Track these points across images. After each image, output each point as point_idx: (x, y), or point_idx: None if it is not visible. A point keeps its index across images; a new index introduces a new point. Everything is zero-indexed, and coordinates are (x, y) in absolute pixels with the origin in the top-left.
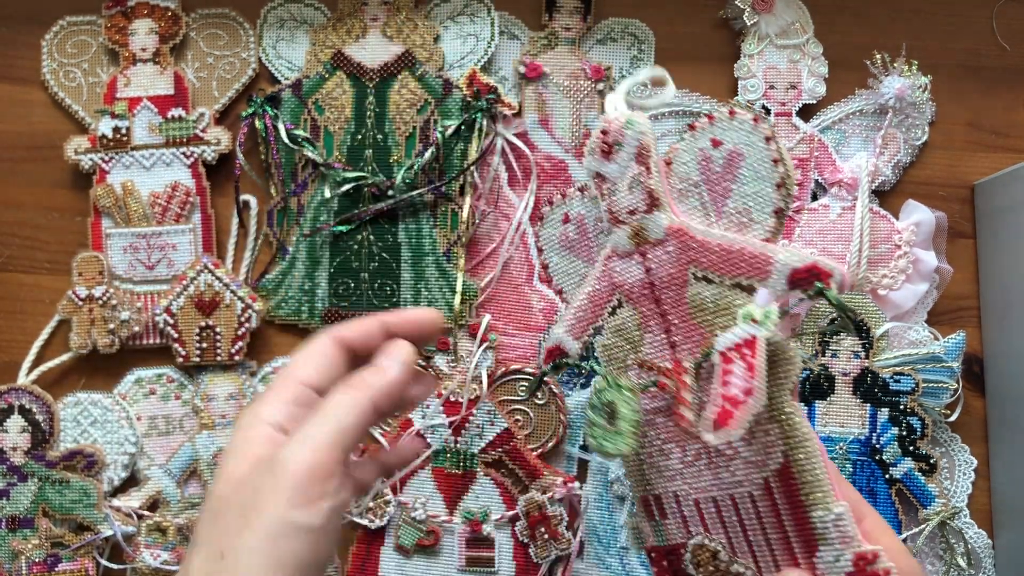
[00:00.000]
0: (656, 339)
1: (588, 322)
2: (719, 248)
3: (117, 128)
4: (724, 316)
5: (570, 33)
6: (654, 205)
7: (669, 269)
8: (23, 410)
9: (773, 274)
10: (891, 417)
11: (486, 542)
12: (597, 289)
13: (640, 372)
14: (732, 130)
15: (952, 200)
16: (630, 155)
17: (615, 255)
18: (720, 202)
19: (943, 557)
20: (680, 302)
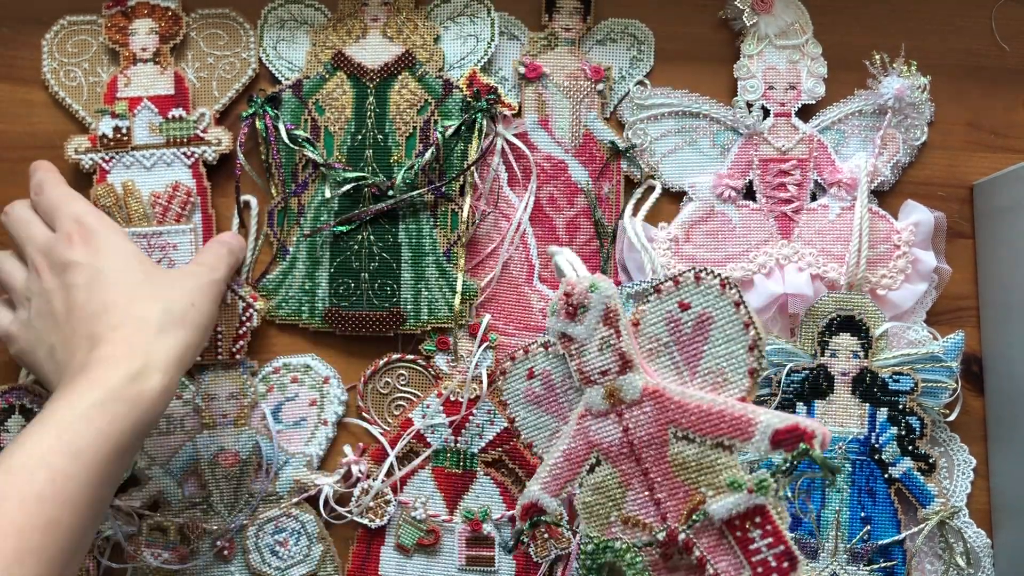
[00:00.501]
0: (639, 496)
1: (565, 480)
2: (698, 409)
3: (117, 128)
4: (708, 474)
5: (570, 33)
6: (627, 366)
7: (648, 429)
8: (24, 410)
9: (756, 435)
10: (890, 417)
11: (486, 541)
12: (573, 447)
13: (625, 528)
14: (699, 294)
15: (951, 200)
16: (597, 317)
17: (589, 414)
18: (693, 363)
19: (942, 556)
20: (661, 460)
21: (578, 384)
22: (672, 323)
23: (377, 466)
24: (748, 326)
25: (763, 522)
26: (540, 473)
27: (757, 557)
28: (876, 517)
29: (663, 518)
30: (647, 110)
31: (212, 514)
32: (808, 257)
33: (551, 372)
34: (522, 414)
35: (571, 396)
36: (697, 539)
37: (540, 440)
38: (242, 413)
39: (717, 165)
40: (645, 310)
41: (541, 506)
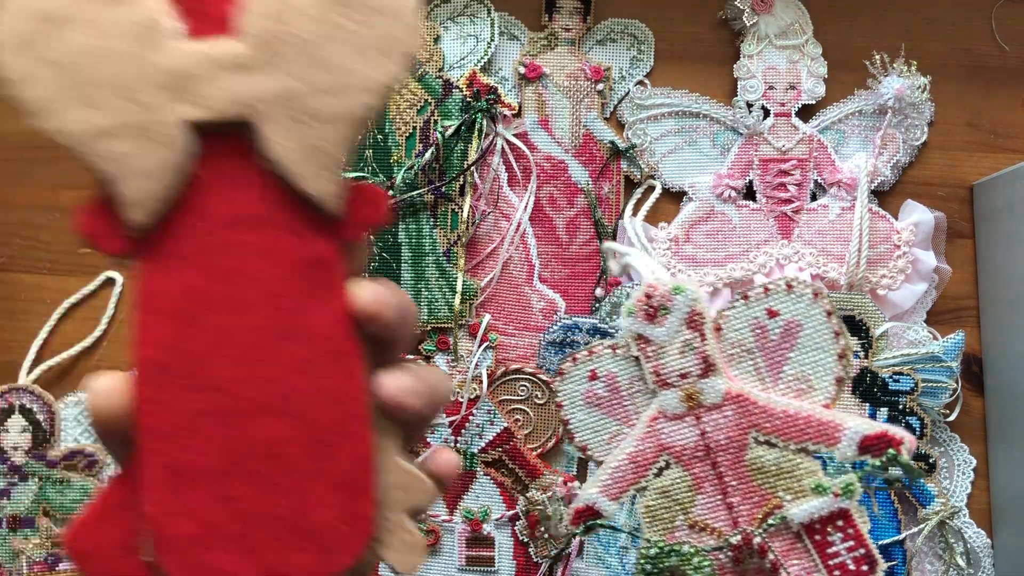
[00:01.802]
0: (711, 501)
1: (628, 483)
2: (784, 414)
3: None
4: (787, 479)
5: (570, 34)
6: (709, 370)
7: (728, 433)
8: (24, 410)
9: (843, 441)
10: (890, 417)
11: (486, 541)
12: (640, 450)
13: (690, 533)
14: (790, 302)
15: (951, 200)
16: (680, 320)
17: (663, 417)
18: (776, 369)
19: (942, 557)
20: (738, 464)
21: (651, 387)
22: (758, 329)
23: None
24: (839, 335)
25: (845, 525)
26: (599, 476)
27: (835, 560)
28: (876, 517)
29: (734, 523)
30: (647, 110)
31: None
32: (808, 257)
33: (617, 375)
34: (579, 416)
35: (637, 399)
36: (771, 542)
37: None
38: None
39: (717, 165)
40: (729, 315)
41: (598, 509)
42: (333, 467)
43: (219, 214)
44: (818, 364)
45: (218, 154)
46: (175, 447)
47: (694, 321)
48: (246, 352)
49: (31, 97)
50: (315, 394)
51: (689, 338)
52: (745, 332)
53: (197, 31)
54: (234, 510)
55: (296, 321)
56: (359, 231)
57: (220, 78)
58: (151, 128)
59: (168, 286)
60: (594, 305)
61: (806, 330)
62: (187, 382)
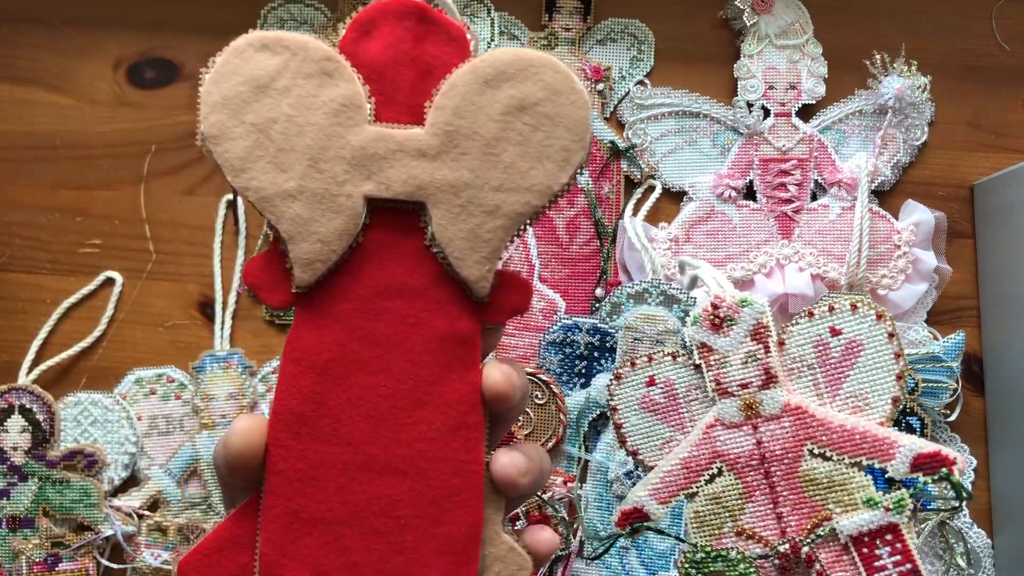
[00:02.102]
0: (760, 509)
1: (679, 488)
2: (841, 428)
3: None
4: (839, 491)
5: (570, 33)
6: (770, 381)
7: (784, 443)
8: (23, 410)
9: (897, 457)
10: None
11: None
12: (695, 456)
13: (737, 540)
14: (854, 322)
15: (951, 200)
16: (745, 332)
17: (720, 424)
18: (835, 385)
19: (943, 557)
20: (791, 475)
21: (711, 395)
22: (820, 346)
23: None
24: (899, 356)
25: (894, 540)
26: (650, 479)
27: (881, 574)
28: None
29: (782, 532)
30: (647, 110)
31: (212, 514)
32: (808, 257)
33: (675, 381)
34: (633, 420)
35: (694, 407)
36: (818, 553)
37: (648, 448)
38: (241, 413)
39: (717, 165)
40: (793, 331)
41: (646, 512)
42: (445, 532)
43: (377, 282)
44: (876, 383)
45: (385, 227)
46: (300, 493)
47: (759, 333)
48: (381, 413)
49: (227, 154)
50: (439, 461)
51: (753, 349)
52: (807, 348)
53: (388, 117)
54: (346, 561)
55: (432, 391)
56: (502, 316)
57: (404, 162)
58: (335, 199)
59: (318, 342)
60: (594, 305)
61: (867, 350)
62: (321, 434)
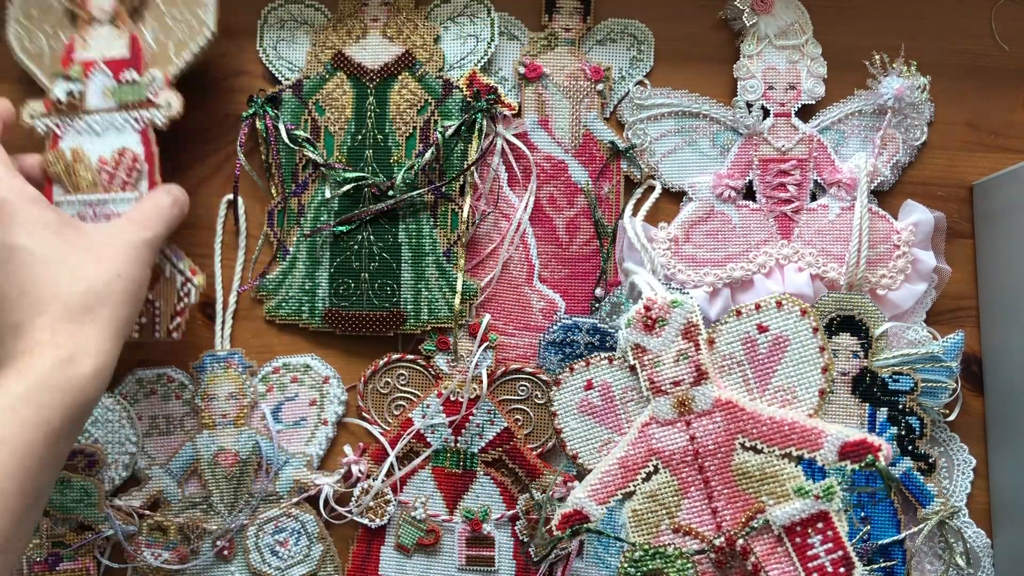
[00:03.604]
0: (696, 505)
1: (617, 487)
2: (771, 421)
3: (71, 92)
4: (771, 483)
5: (570, 34)
6: (701, 378)
7: (716, 438)
8: None
9: (825, 446)
10: (890, 417)
11: (486, 541)
12: (631, 454)
13: (675, 537)
14: (780, 318)
15: (951, 200)
16: (676, 331)
17: (654, 422)
18: (764, 380)
19: (942, 556)
20: (725, 469)
21: (646, 394)
22: (748, 343)
23: (377, 466)
24: (823, 350)
25: (825, 527)
26: (588, 481)
27: (815, 563)
28: (876, 517)
29: (718, 527)
30: (647, 110)
31: (212, 514)
32: (808, 257)
33: (611, 384)
34: (572, 424)
35: (630, 408)
36: (753, 545)
37: (587, 451)
38: (242, 413)
39: (717, 165)
40: (722, 330)
41: (586, 514)
42: None
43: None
44: (803, 376)
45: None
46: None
47: (689, 332)
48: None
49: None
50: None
51: (684, 348)
52: (736, 345)
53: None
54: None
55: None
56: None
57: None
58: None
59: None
60: (594, 305)
61: (793, 345)
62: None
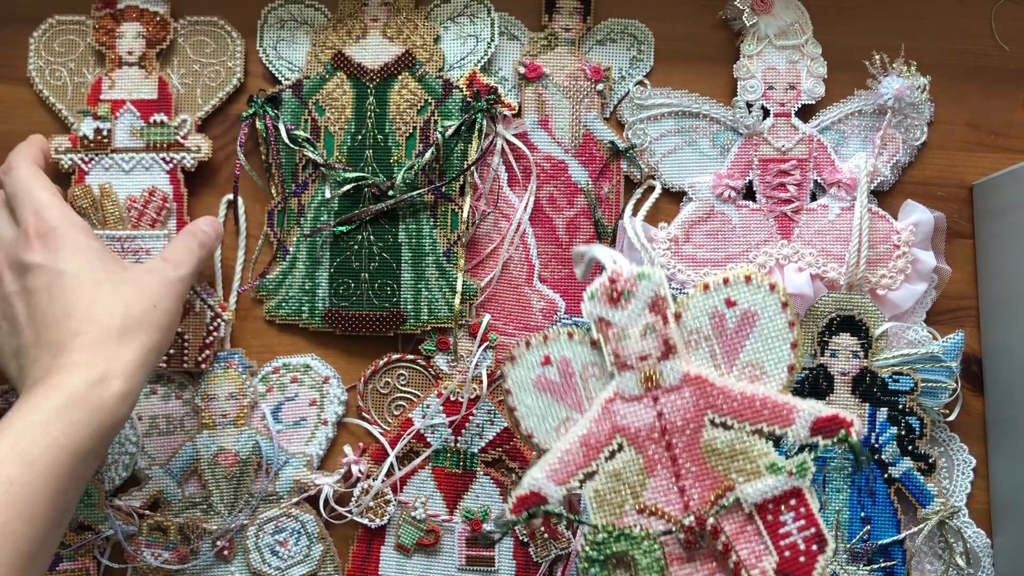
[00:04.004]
0: (662, 484)
1: (577, 467)
2: (741, 396)
3: (99, 130)
4: (741, 460)
5: (570, 34)
6: (669, 352)
7: (684, 414)
8: None
9: (796, 422)
10: (890, 417)
11: None
12: (593, 432)
13: (639, 518)
14: (748, 293)
15: (951, 200)
16: (643, 304)
17: (619, 398)
18: (732, 355)
19: (942, 556)
20: (693, 446)
21: (610, 369)
22: (716, 317)
23: (377, 466)
24: (792, 325)
25: (797, 504)
26: (546, 460)
27: (787, 540)
28: (876, 517)
29: (685, 506)
30: (647, 110)
31: (212, 514)
32: (808, 257)
33: (571, 360)
34: (527, 402)
35: (591, 385)
36: (722, 525)
37: (543, 430)
38: (242, 413)
39: (717, 165)
40: (689, 304)
41: (544, 496)
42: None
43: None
44: (772, 351)
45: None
46: None
47: (657, 305)
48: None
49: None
50: None
51: (651, 321)
52: (704, 320)
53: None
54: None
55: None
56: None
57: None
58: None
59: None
60: None
61: (762, 320)
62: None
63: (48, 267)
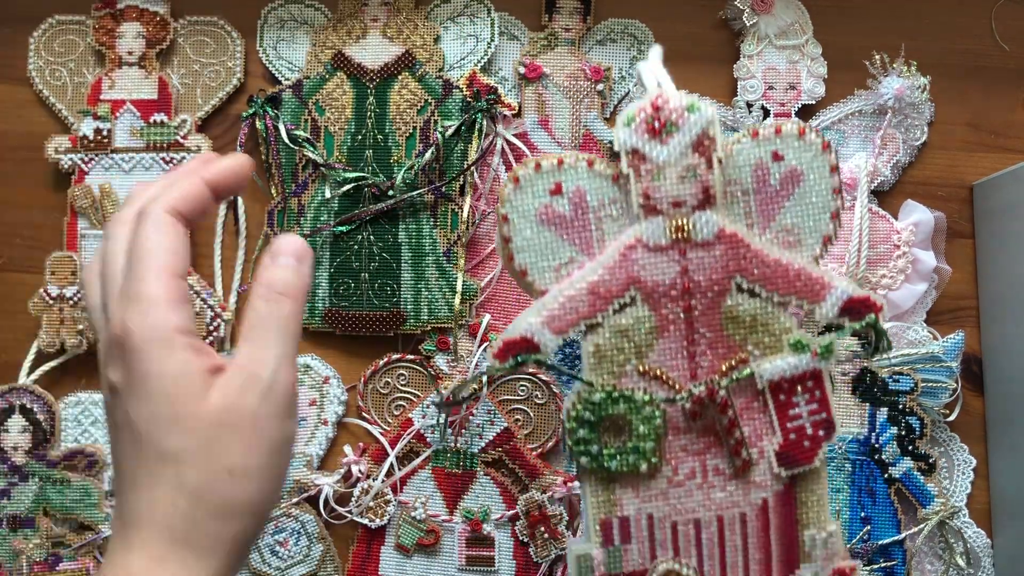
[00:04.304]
0: (672, 347)
1: (581, 316)
2: (775, 263)
3: (98, 129)
4: (760, 332)
5: (570, 34)
6: (708, 202)
7: (712, 274)
8: (24, 410)
9: (828, 299)
10: (890, 417)
11: (486, 541)
12: (606, 280)
13: (640, 381)
14: (800, 149)
15: (951, 200)
16: (687, 142)
17: (641, 246)
18: (768, 216)
19: (942, 556)
20: (714, 310)
21: (636, 211)
22: (760, 170)
23: (377, 466)
24: (837, 193)
25: (814, 387)
26: (546, 303)
27: (794, 423)
28: (876, 517)
29: (692, 374)
30: None
31: None
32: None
33: (587, 192)
34: (527, 234)
35: (605, 225)
36: (732, 399)
37: (540, 268)
38: None
39: None
40: (734, 150)
41: (536, 343)
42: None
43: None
44: (811, 218)
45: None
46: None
47: (703, 146)
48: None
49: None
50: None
51: (694, 163)
52: (746, 171)
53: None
54: None
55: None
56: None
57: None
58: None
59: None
60: None
61: (807, 181)
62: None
63: (120, 401)
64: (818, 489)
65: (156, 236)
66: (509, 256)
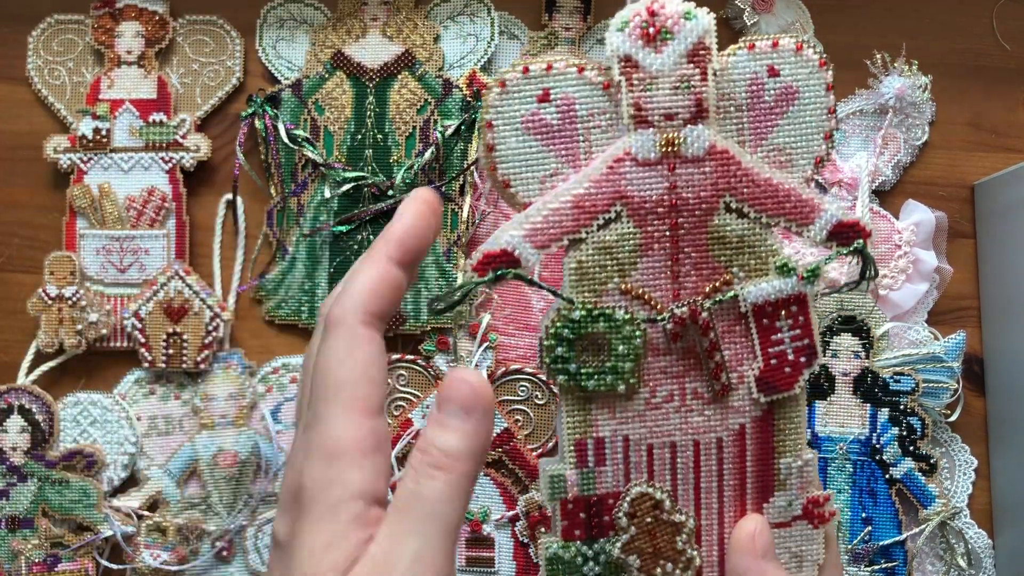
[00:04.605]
0: (655, 266)
1: (564, 231)
2: (767, 183)
3: (97, 129)
4: (746, 254)
5: (570, 33)
6: (700, 116)
7: (700, 191)
8: (23, 410)
9: (817, 222)
10: (891, 417)
11: (486, 542)
12: (592, 194)
13: (620, 300)
14: (796, 65)
15: (952, 200)
16: (682, 51)
17: (629, 160)
18: (761, 134)
19: (943, 557)
20: (700, 230)
21: (626, 123)
22: (755, 85)
23: None
24: (832, 112)
25: (798, 312)
26: (528, 216)
27: (776, 348)
28: (877, 518)
29: (675, 294)
30: None
31: (211, 515)
32: (809, 257)
33: (575, 101)
34: (512, 143)
35: (593, 136)
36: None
37: (526, 179)
38: (241, 413)
39: None
40: (729, 63)
41: (517, 257)
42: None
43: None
44: (804, 138)
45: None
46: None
47: (698, 56)
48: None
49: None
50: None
51: (688, 74)
52: (741, 86)
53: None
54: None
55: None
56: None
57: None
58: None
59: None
60: None
61: (802, 99)
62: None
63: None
64: (796, 417)
65: (346, 358)
66: (491, 166)
